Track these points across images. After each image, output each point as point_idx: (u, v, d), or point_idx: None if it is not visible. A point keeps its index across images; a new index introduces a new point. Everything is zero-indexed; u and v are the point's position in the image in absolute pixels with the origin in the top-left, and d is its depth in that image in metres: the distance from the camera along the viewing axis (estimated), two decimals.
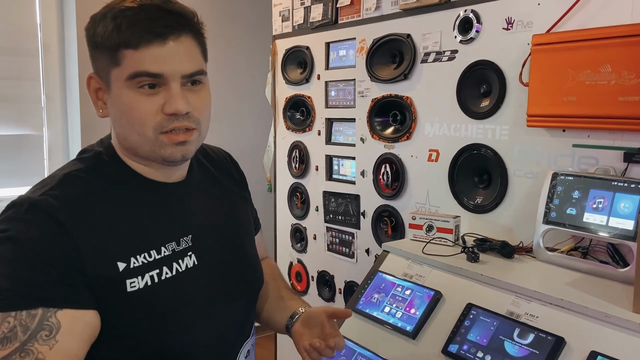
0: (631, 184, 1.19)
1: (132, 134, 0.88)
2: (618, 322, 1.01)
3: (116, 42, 0.83)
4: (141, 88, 0.85)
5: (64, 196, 0.84)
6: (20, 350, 0.75)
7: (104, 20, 0.85)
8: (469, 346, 1.15)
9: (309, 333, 1.06)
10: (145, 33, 0.83)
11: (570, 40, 1.30)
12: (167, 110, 0.85)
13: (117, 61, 0.84)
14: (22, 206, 0.82)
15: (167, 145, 0.87)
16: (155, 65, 0.83)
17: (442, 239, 1.51)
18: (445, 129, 1.69)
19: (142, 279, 0.86)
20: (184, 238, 0.94)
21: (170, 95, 0.85)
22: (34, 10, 3.04)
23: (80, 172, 0.89)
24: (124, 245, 0.85)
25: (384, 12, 1.87)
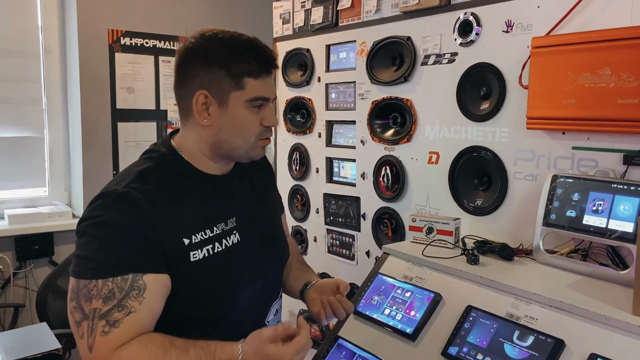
0: (631, 187, 1.19)
1: (238, 140, 1.13)
2: (618, 325, 1.02)
3: (244, 71, 1.08)
4: (254, 107, 1.11)
5: (142, 189, 1.06)
6: (117, 306, 0.98)
7: (228, 52, 1.09)
8: (469, 348, 1.15)
9: (320, 297, 1.27)
10: (265, 67, 1.11)
11: (570, 43, 1.30)
12: (266, 123, 1.13)
13: (241, 86, 1.09)
14: (111, 196, 1.04)
15: (259, 147, 1.16)
16: (267, 92, 1.12)
17: (442, 241, 1.52)
18: (446, 131, 1.69)
19: (201, 252, 1.09)
20: (230, 219, 1.17)
21: (268, 112, 1.14)
22: (35, 13, 3.05)
23: (150, 169, 1.11)
24: (187, 226, 1.08)
25: (384, 15, 1.87)
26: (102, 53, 3.07)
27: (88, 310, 0.98)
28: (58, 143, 3.17)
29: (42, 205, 3.11)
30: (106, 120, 3.11)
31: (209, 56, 1.09)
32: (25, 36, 3.03)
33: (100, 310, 0.98)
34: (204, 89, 1.10)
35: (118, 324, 0.98)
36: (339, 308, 1.23)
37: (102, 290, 0.98)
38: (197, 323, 1.11)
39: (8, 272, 2.90)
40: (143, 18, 3.17)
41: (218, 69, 1.08)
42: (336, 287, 1.27)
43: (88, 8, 2.99)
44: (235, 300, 1.15)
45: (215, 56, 1.09)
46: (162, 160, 1.14)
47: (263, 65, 1.10)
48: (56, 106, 3.15)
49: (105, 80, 3.10)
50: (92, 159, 3.04)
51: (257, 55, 1.10)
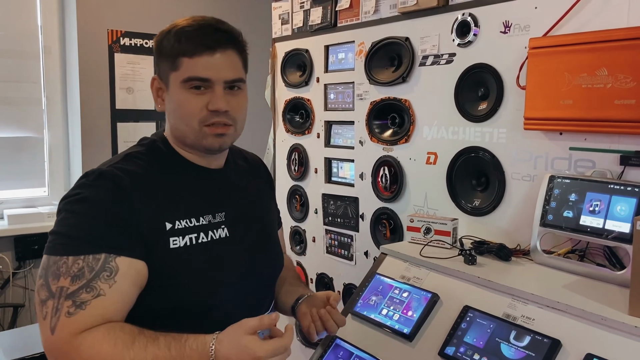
0: (627, 187, 1.19)
1: (182, 125, 1.09)
2: (614, 325, 1.02)
3: (176, 51, 1.06)
4: (192, 89, 1.07)
5: (126, 169, 1.05)
6: (86, 286, 0.94)
7: (169, 35, 1.08)
8: (466, 348, 1.15)
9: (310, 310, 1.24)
10: (198, 45, 1.06)
11: (567, 44, 1.31)
12: (210, 107, 1.07)
13: (176, 67, 1.07)
14: (93, 175, 1.03)
15: (209, 135, 1.09)
16: (205, 71, 1.06)
17: (440, 241, 1.52)
18: (444, 131, 1.70)
19: (182, 239, 1.05)
20: (219, 213, 1.14)
21: (214, 96, 1.07)
22: (34, 13, 3.05)
23: (139, 153, 1.11)
24: (171, 210, 1.06)
25: (382, 16, 1.88)
26: (102, 53, 3.08)
27: (55, 288, 0.94)
28: (58, 143, 3.18)
29: (42, 205, 3.11)
30: (106, 120, 3.12)
31: (157, 42, 1.12)
32: (25, 36, 3.04)
33: (68, 289, 0.94)
34: (156, 73, 1.13)
35: (85, 305, 0.93)
36: (330, 321, 1.20)
37: (71, 268, 0.95)
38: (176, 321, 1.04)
39: (7, 272, 2.91)
40: (142, 18, 3.18)
41: (160, 53, 1.10)
42: (326, 298, 1.24)
43: (88, 8, 3.00)
44: (217, 298, 1.10)
45: (159, 41, 1.11)
46: (152, 146, 1.14)
47: (196, 43, 1.06)
48: (56, 106, 3.16)
49: (105, 81, 3.10)
50: (92, 159, 3.04)
51: (191, 33, 1.07)
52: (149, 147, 1.14)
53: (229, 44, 1.09)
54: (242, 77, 1.13)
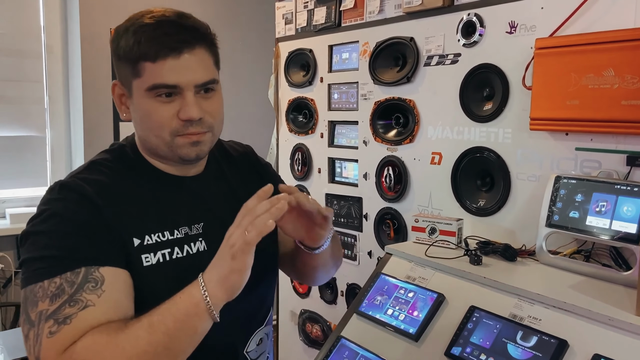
0: (634, 188, 1.19)
1: (152, 137, 0.98)
2: (621, 325, 1.02)
3: (136, 55, 0.93)
4: (159, 97, 0.94)
5: (89, 179, 0.95)
6: (69, 301, 0.83)
7: (126, 34, 0.94)
8: (472, 349, 1.15)
9: None
10: (162, 47, 0.92)
11: (574, 44, 1.30)
12: (182, 116, 0.95)
13: (137, 73, 0.94)
14: (55, 189, 0.94)
15: (183, 145, 0.98)
16: (171, 77, 0.93)
17: (445, 241, 1.52)
18: (448, 132, 1.69)
19: (154, 256, 0.95)
20: (196, 225, 1.03)
21: (185, 103, 0.95)
22: (37, 12, 3.05)
23: (105, 161, 1.01)
24: (139, 224, 0.95)
25: (387, 15, 1.88)
26: (104, 52, 3.08)
27: (34, 316, 0.84)
28: (60, 142, 3.17)
29: None
30: (108, 119, 3.12)
31: (113, 42, 0.97)
32: (27, 36, 3.04)
33: (47, 310, 0.83)
34: (118, 79, 1.00)
35: (70, 319, 0.83)
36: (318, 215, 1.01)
37: (48, 289, 0.84)
38: None
39: (9, 271, 2.90)
40: None
41: (117, 55, 0.97)
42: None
43: (90, 8, 3.00)
44: None
45: (115, 40, 0.97)
46: (120, 153, 1.04)
47: (158, 46, 0.91)
48: (58, 105, 3.16)
49: (107, 80, 3.10)
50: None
51: (152, 33, 0.92)
52: (116, 154, 1.03)
53: (196, 42, 0.95)
54: (214, 77, 1.00)
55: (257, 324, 1.14)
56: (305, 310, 2.32)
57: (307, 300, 2.32)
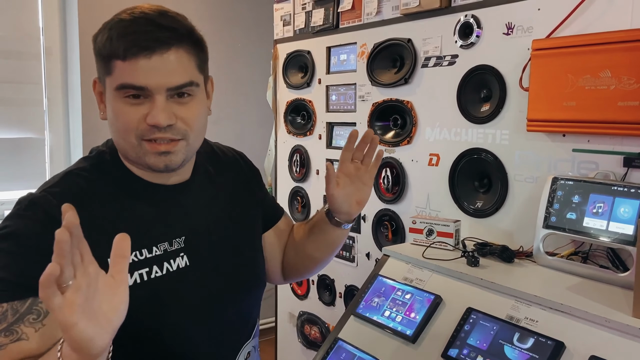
0: (631, 189, 1.19)
1: (120, 139, 0.93)
2: (618, 327, 1.01)
3: (108, 52, 0.88)
4: (127, 98, 0.89)
5: (62, 193, 0.89)
6: (6, 330, 0.80)
7: (103, 30, 0.91)
8: (469, 350, 1.15)
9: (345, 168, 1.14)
10: (132, 46, 0.86)
11: (570, 46, 1.30)
12: (148, 121, 0.88)
13: (109, 70, 0.89)
14: (24, 203, 0.89)
15: (150, 153, 0.91)
16: (140, 78, 0.86)
17: (443, 243, 1.52)
18: (446, 133, 1.69)
19: (130, 277, 0.89)
20: (177, 239, 0.97)
21: (152, 107, 0.88)
22: (36, 14, 3.06)
23: (81, 171, 0.95)
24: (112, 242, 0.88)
25: (384, 17, 1.88)
26: None
27: None
28: (59, 144, 3.18)
29: None
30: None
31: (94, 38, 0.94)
32: (26, 37, 3.04)
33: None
34: (97, 76, 0.95)
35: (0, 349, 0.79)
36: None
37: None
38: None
39: None
40: None
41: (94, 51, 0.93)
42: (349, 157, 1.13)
43: (89, 9, 3.00)
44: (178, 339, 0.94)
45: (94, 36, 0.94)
46: (99, 160, 0.98)
47: (129, 43, 0.86)
48: (57, 107, 3.16)
49: None
50: None
51: (124, 30, 0.87)
52: (94, 162, 0.97)
53: (173, 42, 0.89)
54: (192, 80, 0.92)
55: (245, 338, 1.10)
56: (303, 312, 2.32)
57: (306, 301, 2.31)
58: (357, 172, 1.13)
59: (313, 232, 1.21)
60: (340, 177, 1.14)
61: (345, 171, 1.13)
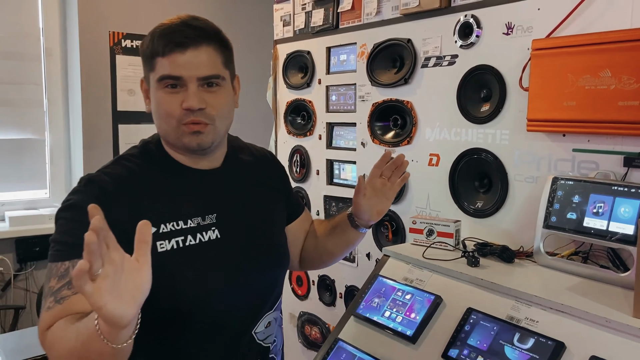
0: (631, 189, 1.19)
1: (163, 124, 1.10)
2: (618, 327, 1.01)
3: (151, 51, 1.08)
4: (166, 87, 1.07)
5: (114, 173, 1.08)
6: (69, 283, 0.97)
7: (147, 36, 1.11)
8: (469, 351, 1.15)
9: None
10: (168, 43, 1.06)
11: (570, 45, 1.30)
12: (183, 105, 1.06)
13: (152, 67, 1.08)
14: (83, 181, 1.08)
15: (186, 134, 1.09)
16: (176, 70, 1.06)
17: (443, 243, 1.51)
18: (446, 133, 1.69)
19: (169, 243, 1.07)
20: (209, 215, 1.14)
21: (187, 94, 1.06)
22: (36, 15, 3.06)
23: (130, 156, 1.14)
24: (156, 214, 1.05)
25: (384, 17, 1.88)
26: (103, 55, 3.09)
27: (47, 289, 1.00)
28: (59, 145, 3.18)
29: (43, 207, 3.12)
30: (107, 122, 3.12)
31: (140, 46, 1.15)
32: (26, 38, 3.04)
33: (53, 287, 0.98)
34: (143, 76, 1.16)
35: (63, 300, 0.97)
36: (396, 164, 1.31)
37: (60, 269, 1.00)
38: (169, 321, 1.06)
39: (9, 274, 2.91)
40: (144, 20, 3.18)
41: (141, 54, 1.13)
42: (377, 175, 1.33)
43: (89, 10, 3.00)
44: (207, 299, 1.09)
45: (141, 43, 1.14)
46: (144, 149, 1.16)
47: (167, 42, 1.06)
48: (57, 108, 3.16)
49: (106, 83, 3.11)
50: (93, 161, 3.05)
51: (163, 32, 1.08)
52: (141, 150, 1.16)
53: (202, 39, 1.08)
54: (219, 73, 1.11)
55: (267, 308, 1.23)
56: (304, 312, 2.32)
57: (306, 302, 2.31)
58: (383, 187, 1.33)
59: (335, 231, 1.40)
60: (367, 189, 1.33)
61: (372, 184, 1.33)
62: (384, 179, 1.32)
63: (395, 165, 1.33)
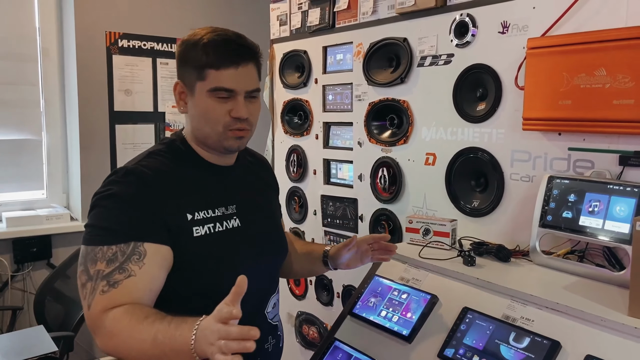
0: (626, 187, 1.19)
1: (207, 128, 1.21)
2: (613, 326, 1.01)
3: (204, 63, 1.17)
4: (217, 97, 1.18)
5: (150, 166, 1.17)
6: (119, 268, 1.06)
7: (195, 47, 1.18)
8: (465, 350, 1.14)
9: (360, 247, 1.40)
10: (225, 59, 1.17)
11: (565, 44, 1.30)
12: (233, 114, 1.19)
13: (202, 77, 1.18)
14: (120, 172, 1.15)
15: (230, 138, 1.22)
16: (229, 83, 1.18)
17: (439, 242, 1.51)
18: (442, 132, 1.69)
19: (202, 228, 1.17)
20: (230, 206, 1.25)
21: (237, 104, 1.19)
22: (33, 16, 3.05)
23: (160, 151, 1.23)
24: (191, 203, 1.18)
25: (380, 16, 1.87)
26: (100, 55, 3.08)
27: (93, 272, 1.07)
28: (56, 145, 3.17)
29: (40, 207, 3.11)
30: (104, 122, 3.12)
31: (182, 51, 1.22)
32: (22, 39, 3.04)
33: (103, 271, 1.06)
34: (180, 79, 1.23)
35: (117, 285, 1.05)
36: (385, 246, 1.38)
37: (106, 254, 1.07)
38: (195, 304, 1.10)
39: (6, 275, 2.90)
40: (140, 20, 3.17)
41: (185, 62, 1.20)
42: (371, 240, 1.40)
43: (85, 11, 3.00)
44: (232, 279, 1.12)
45: (185, 51, 1.20)
46: (171, 145, 1.26)
47: (222, 58, 1.17)
48: (54, 109, 3.15)
49: (103, 83, 3.10)
50: (90, 161, 3.04)
51: (217, 48, 1.17)
52: (168, 146, 1.26)
53: (250, 58, 1.21)
54: (259, 87, 1.25)
55: (272, 291, 1.35)
56: (301, 312, 2.32)
57: (304, 302, 2.31)
58: (365, 253, 1.41)
59: (307, 257, 1.50)
60: (354, 248, 1.42)
61: (360, 246, 1.41)
62: (369, 247, 1.40)
63: (387, 249, 1.40)
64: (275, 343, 1.36)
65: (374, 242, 1.40)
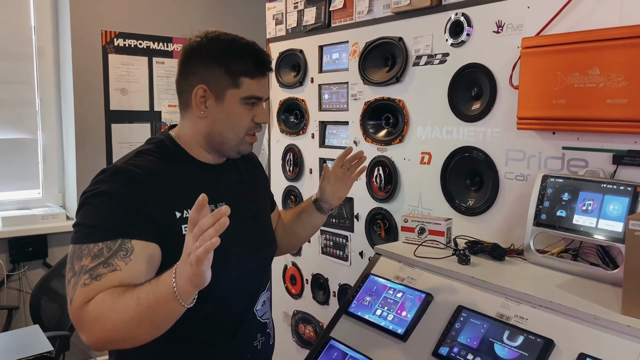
0: (620, 186, 1.19)
1: (230, 133, 1.23)
2: (607, 324, 1.02)
3: (239, 70, 1.19)
4: (247, 105, 1.22)
5: (139, 164, 1.16)
6: (104, 262, 1.05)
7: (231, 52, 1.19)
8: (459, 348, 1.15)
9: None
10: (259, 69, 1.22)
11: (560, 43, 1.31)
12: (257, 120, 1.24)
13: (236, 84, 1.20)
14: (109, 171, 1.15)
15: (246, 142, 1.26)
16: (261, 92, 1.23)
17: (434, 241, 1.52)
18: (437, 131, 1.70)
19: None
20: (220, 203, 1.23)
21: (261, 111, 1.25)
22: (28, 14, 3.04)
23: (149, 151, 1.23)
24: (180, 201, 1.17)
25: (376, 16, 1.88)
26: (96, 54, 3.07)
27: (77, 267, 1.06)
28: (52, 145, 3.17)
29: (36, 207, 3.11)
30: (100, 121, 3.11)
31: (210, 55, 1.20)
32: (18, 37, 3.03)
33: (87, 266, 1.05)
34: (204, 83, 1.20)
35: (100, 277, 1.04)
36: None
37: (92, 250, 1.07)
38: None
39: (1, 274, 2.89)
40: (136, 19, 3.17)
41: (217, 67, 1.19)
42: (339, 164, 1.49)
43: (81, 9, 2.99)
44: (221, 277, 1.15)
45: (215, 55, 1.19)
46: (160, 145, 1.25)
47: (259, 67, 1.21)
48: (50, 108, 3.15)
49: (99, 82, 3.09)
50: (86, 160, 3.03)
51: (255, 57, 1.21)
52: (157, 145, 1.26)
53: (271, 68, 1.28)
54: None
55: (263, 288, 1.36)
56: (297, 311, 2.32)
57: (300, 301, 2.32)
58: (343, 176, 1.49)
59: (301, 216, 1.54)
60: (330, 176, 1.49)
61: (334, 173, 1.49)
62: (344, 169, 1.49)
63: (355, 158, 1.49)
64: (264, 341, 1.35)
65: (342, 162, 1.48)
